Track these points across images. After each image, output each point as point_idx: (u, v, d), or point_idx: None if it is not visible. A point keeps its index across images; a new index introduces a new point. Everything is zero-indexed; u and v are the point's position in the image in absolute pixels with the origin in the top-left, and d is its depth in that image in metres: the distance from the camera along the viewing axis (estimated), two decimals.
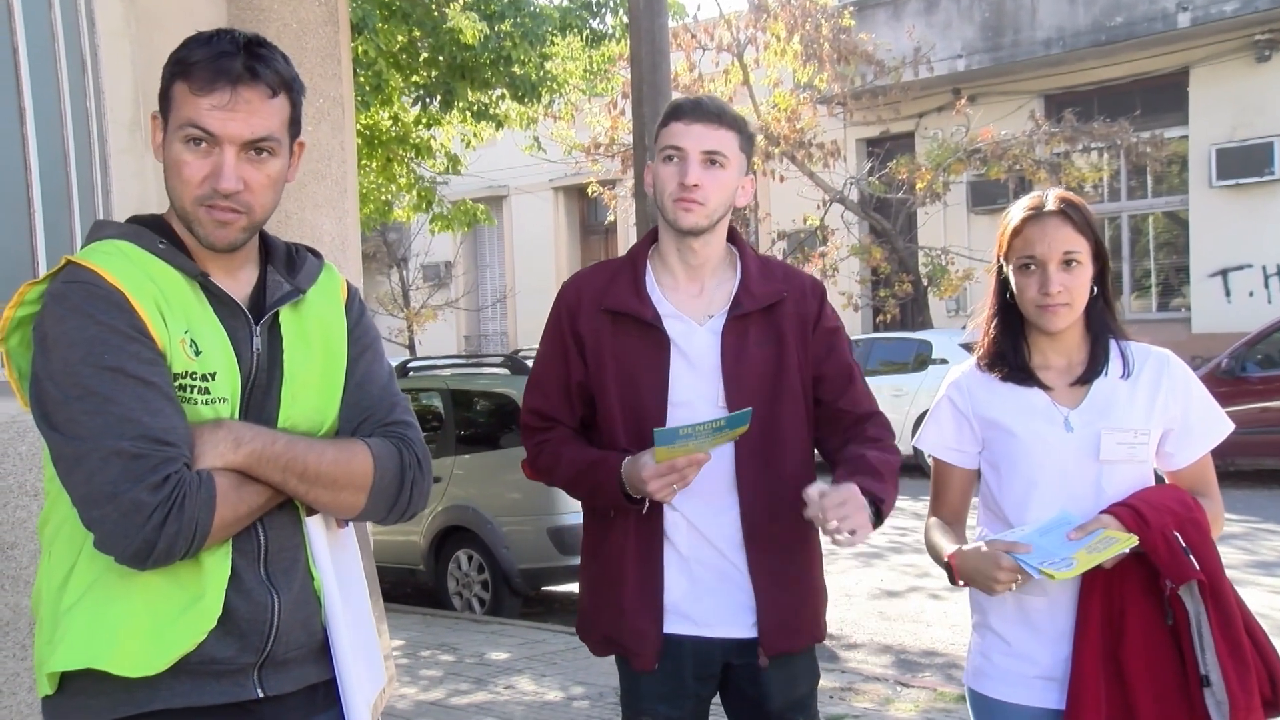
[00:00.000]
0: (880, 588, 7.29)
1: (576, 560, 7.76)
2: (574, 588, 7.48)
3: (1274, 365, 10.52)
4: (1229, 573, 2.10)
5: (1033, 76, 14.89)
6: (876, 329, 15.29)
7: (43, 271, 3.02)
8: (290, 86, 1.63)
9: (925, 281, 14.18)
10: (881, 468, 2.17)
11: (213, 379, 1.56)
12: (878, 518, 2.11)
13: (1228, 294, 13.83)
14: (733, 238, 2.33)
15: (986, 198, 14.63)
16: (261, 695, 1.60)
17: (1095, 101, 14.50)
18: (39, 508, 2.87)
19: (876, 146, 15.90)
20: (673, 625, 2.23)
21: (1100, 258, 2.14)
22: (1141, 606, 2.03)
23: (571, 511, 6.78)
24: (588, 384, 2.28)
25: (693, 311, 2.26)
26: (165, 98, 1.60)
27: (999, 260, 2.20)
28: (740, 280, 2.28)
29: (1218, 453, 2.24)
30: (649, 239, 2.36)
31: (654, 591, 2.22)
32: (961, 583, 2.13)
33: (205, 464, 1.51)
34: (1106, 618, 2.05)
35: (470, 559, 7.30)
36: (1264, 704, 2.02)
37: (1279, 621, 6.05)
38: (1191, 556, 2.00)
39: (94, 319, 1.48)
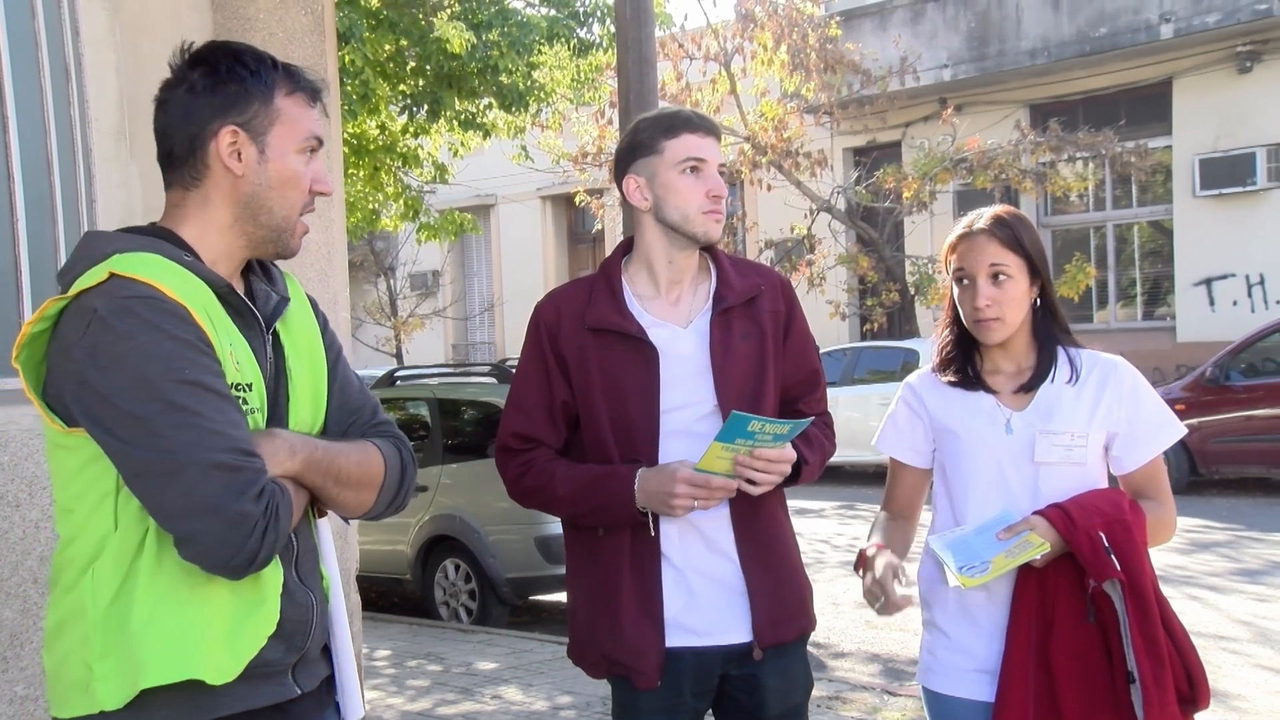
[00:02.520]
0: None
1: (563, 569, 7.74)
2: (561, 597, 7.47)
3: (1258, 374, 10.58)
4: (1214, 580, 2.14)
5: (1018, 86, 14.98)
6: (864, 338, 15.33)
7: (26, 281, 3.01)
8: None
9: (912, 290, 14.22)
10: (816, 441, 2.29)
11: (250, 389, 1.59)
12: (794, 478, 2.23)
13: (1212, 303, 13.92)
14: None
15: (973, 207, 14.50)
16: (299, 692, 1.64)
17: (1080, 111, 14.58)
18: (20, 519, 2.85)
19: (863, 156, 15.96)
20: (672, 639, 2.22)
21: (1039, 272, 2.22)
22: (1071, 604, 2.10)
23: (558, 521, 6.76)
24: (572, 403, 2.26)
25: (675, 317, 2.28)
26: (267, 112, 1.61)
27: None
28: (717, 277, 2.30)
29: (1203, 461, 2.29)
30: (620, 252, 2.36)
31: (654, 607, 2.21)
32: (862, 572, 2.21)
33: (268, 473, 1.56)
34: (1038, 613, 2.11)
35: (457, 568, 7.28)
36: (1182, 700, 2.07)
37: (1262, 629, 6.08)
38: (1114, 556, 2.05)
39: (167, 333, 1.49)
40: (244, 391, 1.58)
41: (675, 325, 2.27)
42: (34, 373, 1.57)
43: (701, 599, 2.23)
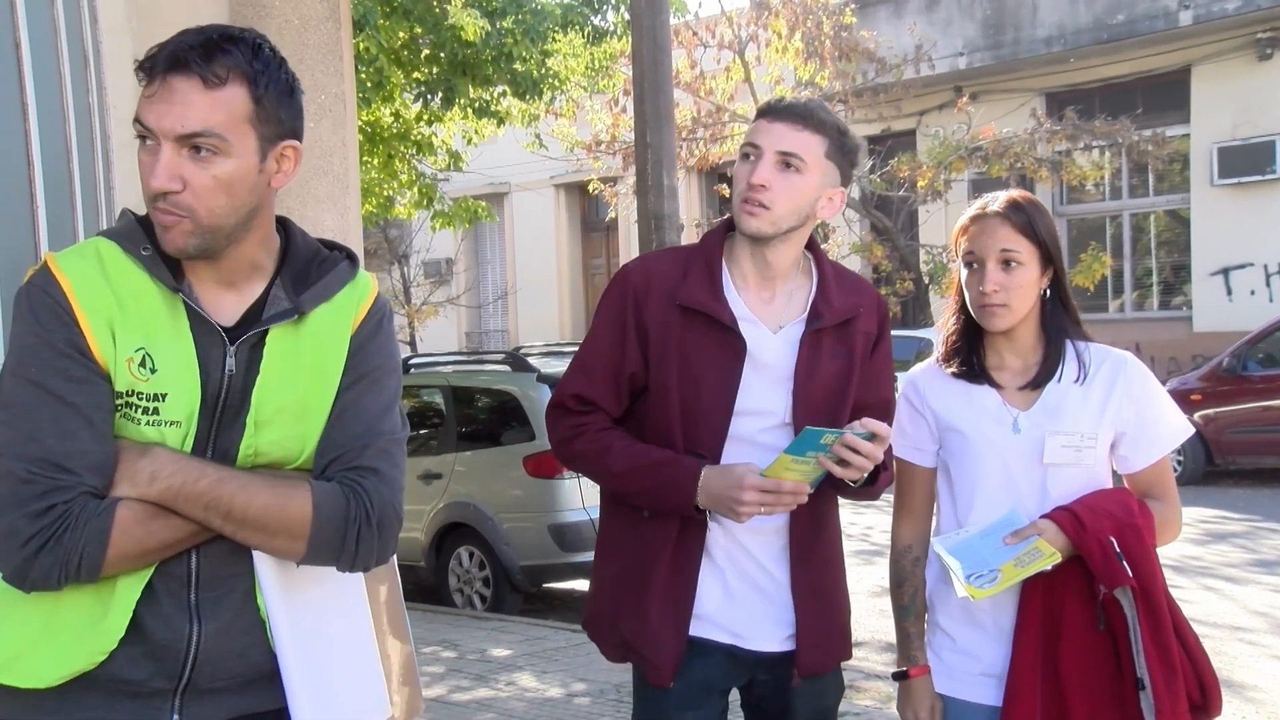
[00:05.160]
0: (881, 585, 7.29)
1: (577, 557, 7.72)
2: (575, 585, 7.50)
3: (1275, 364, 10.51)
4: (1230, 571, 2.13)
5: (1034, 74, 14.88)
6: None
7: None
8: (251, 80, 1.49)
9: (926, 279, 14.18)
10: (888, 458, 2.16)
11: (162, 400, 1.49)
12: (870, 480, 2.10)
13: (1229, 293, 13.82)
14: (809, 245, 2.21)
15: None
16: None
17: (1097, 99, 14.49)
18: None
19: (878, 144, 15.89)
20: (705, 631, 2.13)
21: (1052, 261, 2.14)
22: (1079, 609, 2.06)
23: (573, 509, 6.78)
24: (642, 376, 2.12)
25: (765, 317, 2.14)
26: None
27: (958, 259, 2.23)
28: (817, 290, 2.16)
29: (1220, 451, 2.25)
30: (723, 230, 2.20)
31: (683, 603, 2.11)
32: (905, 706, 2.23)
33: (119, 493, 1.46)
34: (1046, 618, 2.07)
35: (471, 556, 7.31)
36: (1194, 708, 2.04)
37: (1279, 620, 6.06)
38: (1125, 562, 2.01)
39: (31, 328, 1.46)
40: (153, 401, 1.49)
41: (765, 326, 2.13)
42: None
43: (738, 600, 2.14)
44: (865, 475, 2.04)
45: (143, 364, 1.49)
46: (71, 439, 1.44)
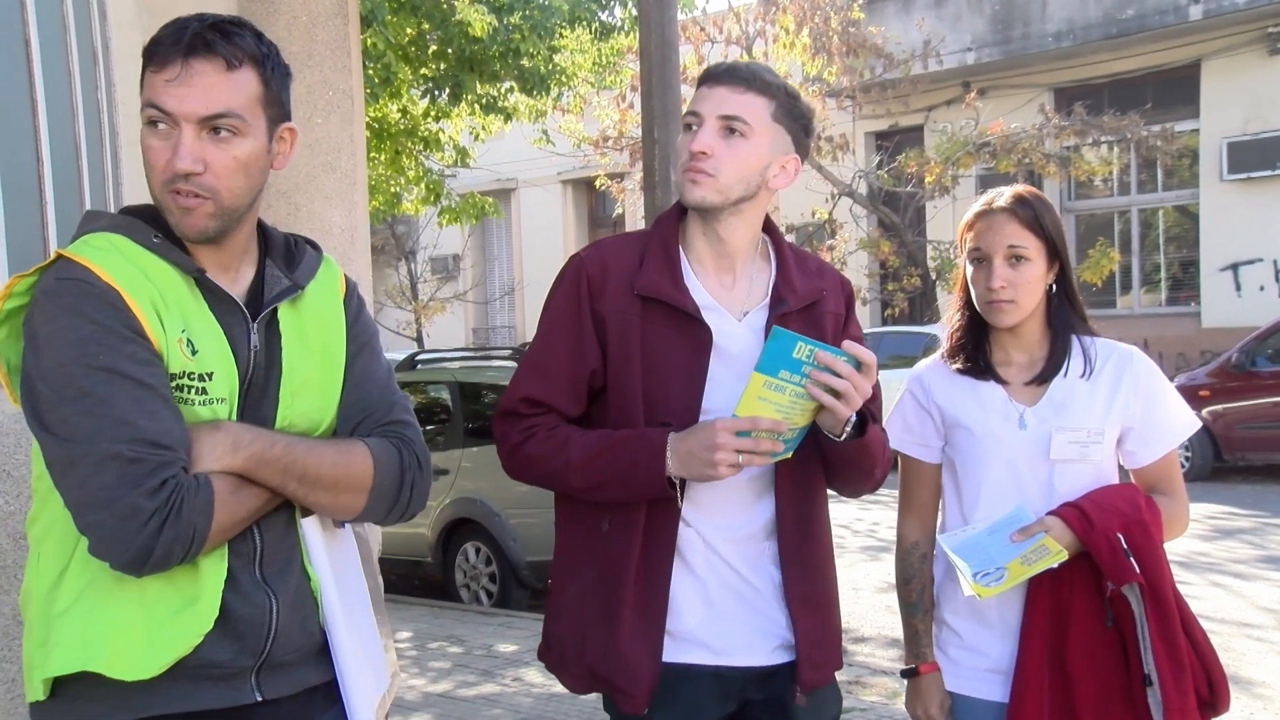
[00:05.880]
0: (888, 581, 7.27)
1: None
2: None
3: None
4: (1238, 567, 2.12)
5: (1043, 70, 14.84)
6: (885, 323, 15.27)
7: None
8: (260, 62, 1.54)
9: (934, 275, 14.16)
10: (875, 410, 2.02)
11: (209, 379, 1.52)
12: (858, 431, 1.91)
13: (1238, 288, 13.79)
14: (766, 227, 2.06)
15: None
16: (260, 699, 1.56)
17: (1106, 95, 14.44)
18: (16, 493, 2.88)
19: (885, 140, 15.86)
20: (686, 654, 1.95)
21: (1058, 256, 2.13)
22: (1086, 605, 2.05)
23: None
24: (601, 374, 1.95)
25: (728, 304, 1.98)
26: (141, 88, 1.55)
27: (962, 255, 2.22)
28: (777, 273, 2.02)
29: (1228, 447, 2.24)
30: (675, 215, 2.04)
31: (656, 615, 1.92)
32: (914, 701, 2.22)
33: (203, 467, 1.48)
34: (1053, 614, 2.06)
35: (478, 551, 7.32)
36: (1202, 704, 2.03)
37: None
38: (1133, 558, 2.00)
39: (88, 318, 1.44)
40: (201, 381, 1.51)
41: (729, 315, 1.97)
42: (16, 348, 1.53)
43: (721, 612, 1.96)
44: (852, 423, 1.86)
45: (188, 345, 1.51)
46: (158, 418, 1.45)
